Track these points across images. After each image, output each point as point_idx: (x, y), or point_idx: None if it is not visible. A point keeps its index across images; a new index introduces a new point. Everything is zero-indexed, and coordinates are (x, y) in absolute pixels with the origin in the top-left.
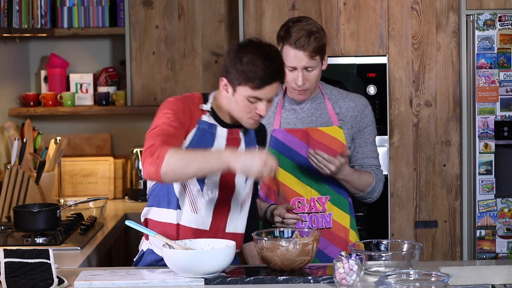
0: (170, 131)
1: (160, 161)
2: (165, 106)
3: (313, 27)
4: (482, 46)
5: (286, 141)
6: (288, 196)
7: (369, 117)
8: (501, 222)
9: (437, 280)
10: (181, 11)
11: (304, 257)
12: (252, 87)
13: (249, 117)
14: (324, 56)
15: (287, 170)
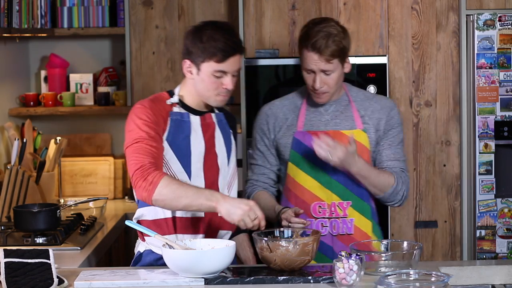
0: (153, 150)
1: (153, 188)
2: (137, 115)
3: (333, 29)
4: (482, 46)
5: (308, 144)
6: (309, 201)
7: (394, 119)
8: (501, 222)
9: (437, 280)
10: (181, 11)
11: (304, 257)
12: (216, 61)
13: (216, 93)
14: (345, 59)
15: (308, 173)
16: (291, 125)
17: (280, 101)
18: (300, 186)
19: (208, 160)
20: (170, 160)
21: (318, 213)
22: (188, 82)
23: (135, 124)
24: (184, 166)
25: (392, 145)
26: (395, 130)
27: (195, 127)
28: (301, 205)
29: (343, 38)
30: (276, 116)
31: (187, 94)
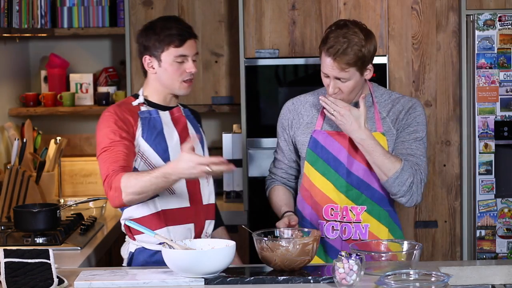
0: (118, 155)
1: (118, 193)
2: (103, 123)
3: (354, 36)
4: (482, 46)
5: (325, 144)
6: (322, 202)
7: (412, 116)
8: (501, 222)
9: (437, 280)
10: (181, 11)
11: (304, 257)
12: (175, 46)
13: (181, 80)
14: (364, 67)
15: (323, 174)
16: (310, 123)
17: (305, 97)
18: (314, 187)
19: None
20: (150, 156)
21: (330, 216)
22: (150, 80)
23: (102, 133)
24: (164, 159)
25: (405, 141)
26: (412, 128)
27: (166, 122)
28: (314, 206)
29: (363, 46)
30: (298, 112)
31: (151, 92)
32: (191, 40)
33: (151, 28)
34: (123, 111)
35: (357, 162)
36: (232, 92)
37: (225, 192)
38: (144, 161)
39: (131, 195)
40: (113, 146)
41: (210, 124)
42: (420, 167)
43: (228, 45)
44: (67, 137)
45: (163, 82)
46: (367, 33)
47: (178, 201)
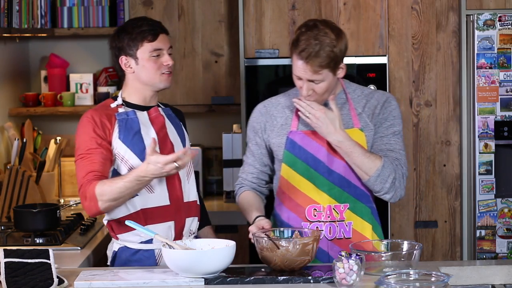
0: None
1: (94, 202)
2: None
3: (325, 37)
4: (482, 46)
5: (303, 144)
6: (303, 204)
7: (388, 110)
8: (501, 222)
9: (437, 280)
10: (181, 11)
11: (304, 257)
12: (149, 41)
13: (160, 73)
14: (337, 66)
15: (302, 175)
16: (285, 124)
17: (276, 99)
18: (294, 188)
19: (163, 150)
20: (129, 157)
21: (313, 217)
22: (128, 81)
23: (80, 139)
24: (142, 159)
25: (384, 136)
26: (389, 123)
27: (143, 122)
28: (295, 208)
29: (334, 46)
30: (270, 115)
31: (129, 93)
32: (163, 34)
33: (122, 30)
34: (100, 115)
35: (337, 159)
36: (232, 92)
37: (225, 192)
38: (123, 163)
39: (107, 202)
40: (89, 154)
41: (210, 124)
42: (400, 161)
43: (228, 45)
44: (67, 137)
45: (142, 80)
46: (338, 32)
47: (157, 199)
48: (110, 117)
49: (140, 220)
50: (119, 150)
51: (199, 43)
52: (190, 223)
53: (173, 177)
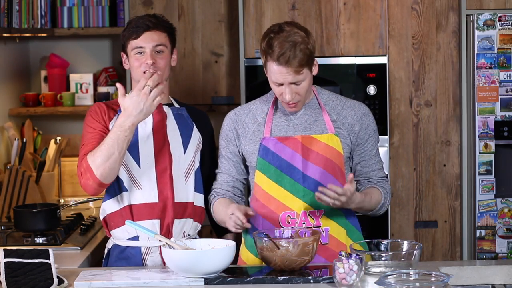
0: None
1: (89, 171)
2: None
3: (297, 37)
4: (482, 46)
5: (276, 151)
6: (277, 210)
7: (371, 127)
8: (501, 222)
9: (437, 280)
10: (181, 11)
11: (304, 257)
12: (133, 39)
13: (141, 71)
14: (312, 63)
15: (276, 181)
16: (257, 131)
17: (246, 106)
18: (267, 195)
19: (158, 147)
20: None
21: (287, 224)
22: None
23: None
24: (133, 155)
25: (371, 154)
26: (373, 138)
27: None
28: (269, 216)
29: (308, 43)
30: (242, 121)
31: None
32: (150, 31)
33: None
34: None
35: (312, 165)
36: (232, 92)
37: None
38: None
39: (101, 166)
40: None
41: None
42: (385, 178)
43: (228, 45)
44: (67, 137)
45: (133, 77)
46: (305, 30)
47: (145, 196)
48: (114, 109)
49: (127, 216)
50: None
51: (199, 43)
52: (182, 224)
53: (164, 176)
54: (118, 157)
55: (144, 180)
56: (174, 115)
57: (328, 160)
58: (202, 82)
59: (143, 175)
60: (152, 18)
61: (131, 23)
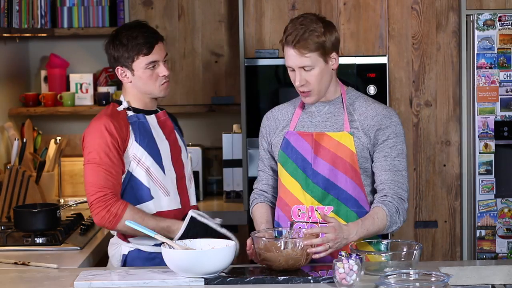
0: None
1: (116, 219)
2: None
3: (312, 23)
4: (482, 46)
5: (295, 144)
6: (290, 203)
7: (390, 129)
8: (501, 222)
9: (437, 280)
10: (181, 11)
11: (308, 257)
12: (145, 54)
13: (158, 84)
14: (328, 54)
15: (291, 174)
16: (285, 126)
17: (283, 105)
18: (284, 188)
19: (174, 155)
20: (145, 159)
21: (297, 217)
22: (127, 89)
23: (96, 143)
24: (158, 163)
25: (388, 156)
26: (392, 141)
27: (153, 126)
28: (283, 207)
29: (322, 33)
30: (275, 119)
31: (132, 99)
32: (158, 44)
33: (117, 39)
34: (116, 119)
35: (322, 161)
36: (232, 92)
37: (225, 192)
38: (140, 165)
39: (127, 228)
40: (106, 164)
41: (210, 124)
42: (402, 185)
43: (228, 45)
44: (67, 137)
45: (140, 89)
46: (326, 23)
47: (171, 202)
48: (124, 121)
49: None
50: (136, 152)
51: (199, 43)
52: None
53: (182, 181)
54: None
55: (170, 187)
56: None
57: (338, 157)
58: (202, 82)
59: (168, 183)
60: (150, 29)
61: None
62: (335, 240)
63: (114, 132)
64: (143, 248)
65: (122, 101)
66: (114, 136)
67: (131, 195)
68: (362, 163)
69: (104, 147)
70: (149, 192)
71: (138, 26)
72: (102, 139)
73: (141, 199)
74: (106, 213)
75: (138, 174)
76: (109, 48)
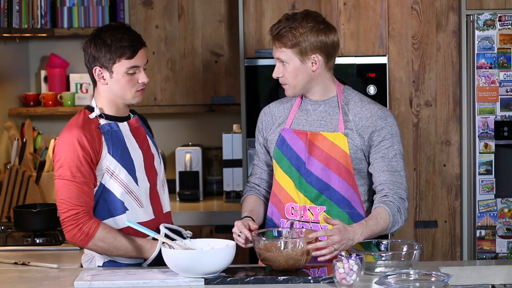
0: (85, 194)
1: (88, 239)
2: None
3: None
4: (482, 46)
5: (290, 142)
6: (284, 201)
7: (386, 130)
8: (501, 222)
9: (437, 280)
10: (181, 11)
11: (308, 256)
12: (127, 58)
13: (135, 90)
14: (305, 54)
15: (286, 172)
16: (282, 123)
17: (280, 101)
18: (278, 185)
19: (147, 163)
20: (119, 172)
21: (290, 215)
22: (100, 91)
23: (68, 158)
24: (131, 174)
25: (385, 157)
26: (388, 142)
27: (126, 134)
28: (277, 204)
29: (303, 33)
30: (272, 114)
31: (105, 104)
32: (141, 50)
33: (100, 39)
34: (87, 130)
35: (316, 161)
36: (232, 92)
37: (225, 192)
38: (114, 178)
39: (98, 248)
40: (78, 181)
41: (210, 124)
42: (401, 185)
43: (228, 45)
44: None
45: (115, 93)
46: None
47: (145, 214)
48: (96, 131)
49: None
50: (109, 165)
51: (199, 43)
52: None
53: (153, 190)
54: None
55: (143, 198)
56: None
57: (331, 158)
58: (202, 82)
59: (142, 194)
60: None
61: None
62: (341, 242)
63: (86, 145)
64: (120, 260)
65: (94, 107)
66: (86, 149)
67: (104, 208)
68: (356, 164)
69: (76, 162)
70: (123, 205)
71: (123, 28)
72: (74, 153)
73: (115, 212)
74: (78, 231)
75: (111, 187)
76: (89, 46)
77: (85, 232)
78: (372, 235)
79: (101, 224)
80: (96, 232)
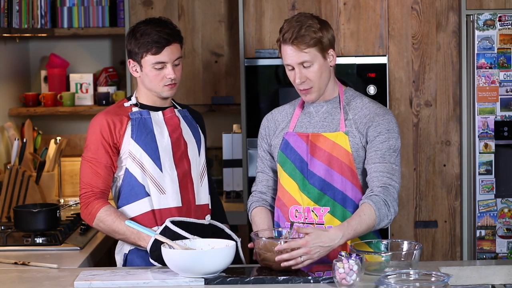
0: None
1: (91, 218)
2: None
3: (307, 20)
4: (482, 46)
5: (294, 145)
6: (288, 203)
7: (382, 126)
8: (501, 222)
9: (437, 280)
10: (181, 11)
11: None
12: (153, 53)
13: (163, 85)
14: (326, 50)
15: (289, 175)
16: (285, 127)
17: (282, 107)
18: (282, 188)
19: (177, 152)
20: (141, 156)
21: (294, 217)
22: (138, 83)
23: (91, 140)
24: (154, 159)
25: (378, 150)
26: (383, 137)
27: (158, 122)
28: (282, 207)
29: (318, 29)
30: (275, 120)
31: (141, 94)
32: (170, 46)
33: (133, 33)
34: (112, 117)
35: (318, 162)
36: (232, 92)
37: (225, 192)
38: (136, 162)
39: (100, 228)
40: (97, 163)
41: (210, 124)
42: (392, 176)
43: (228, 45)
44: (67, 137)
45: (146, 86)
46: (321, 21)
47: (169, 200)
48: (122, 117)
49: (151, 221)
50: (131, 149)
51: (199, 43)
52: None
53: (186, 179)
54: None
55: (167, 185)
56: (183, 117)
57: (334, 158)
58: (202, 82)
59: (165, 180)
60: (166, 29)
61: (146, 35)
62: (310, 252)
63: (106, 130)
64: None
65: (132, 96)
66: (106, 133)
67: (128, 191)
68: (358, 162)
69: (96, 144)
70: (144, 189)
71: (156, 23)
72: (94, 136)
73: (137, 196)
74: (85, 209)
75: (134, 171)
76: (126, 40)
77: (89, 212)
78: (357, 234)
79: (104, 206)
80: (97, 213)
